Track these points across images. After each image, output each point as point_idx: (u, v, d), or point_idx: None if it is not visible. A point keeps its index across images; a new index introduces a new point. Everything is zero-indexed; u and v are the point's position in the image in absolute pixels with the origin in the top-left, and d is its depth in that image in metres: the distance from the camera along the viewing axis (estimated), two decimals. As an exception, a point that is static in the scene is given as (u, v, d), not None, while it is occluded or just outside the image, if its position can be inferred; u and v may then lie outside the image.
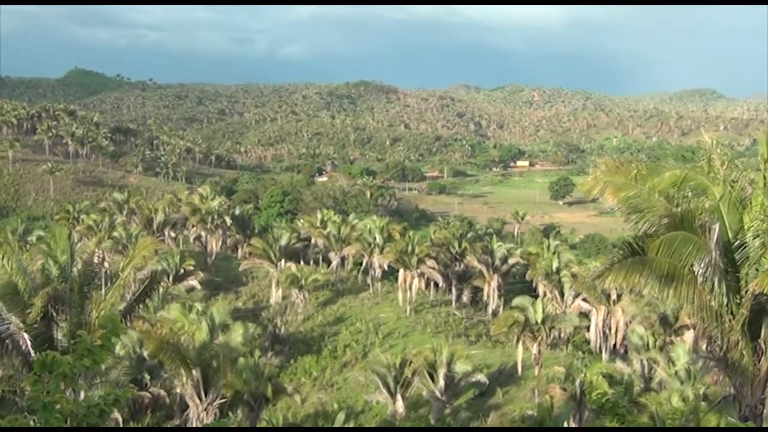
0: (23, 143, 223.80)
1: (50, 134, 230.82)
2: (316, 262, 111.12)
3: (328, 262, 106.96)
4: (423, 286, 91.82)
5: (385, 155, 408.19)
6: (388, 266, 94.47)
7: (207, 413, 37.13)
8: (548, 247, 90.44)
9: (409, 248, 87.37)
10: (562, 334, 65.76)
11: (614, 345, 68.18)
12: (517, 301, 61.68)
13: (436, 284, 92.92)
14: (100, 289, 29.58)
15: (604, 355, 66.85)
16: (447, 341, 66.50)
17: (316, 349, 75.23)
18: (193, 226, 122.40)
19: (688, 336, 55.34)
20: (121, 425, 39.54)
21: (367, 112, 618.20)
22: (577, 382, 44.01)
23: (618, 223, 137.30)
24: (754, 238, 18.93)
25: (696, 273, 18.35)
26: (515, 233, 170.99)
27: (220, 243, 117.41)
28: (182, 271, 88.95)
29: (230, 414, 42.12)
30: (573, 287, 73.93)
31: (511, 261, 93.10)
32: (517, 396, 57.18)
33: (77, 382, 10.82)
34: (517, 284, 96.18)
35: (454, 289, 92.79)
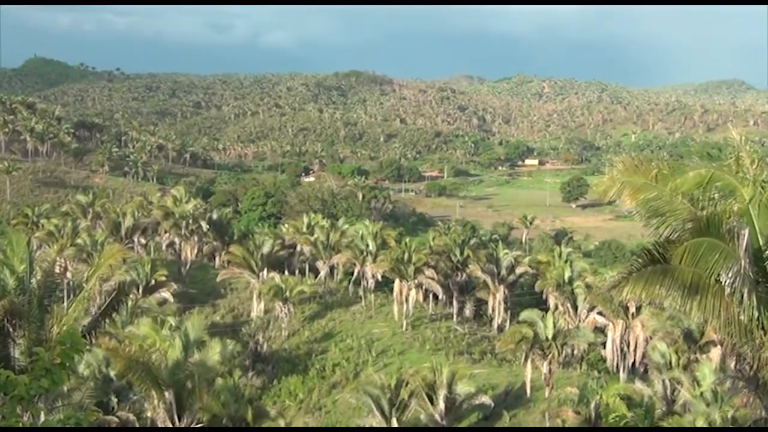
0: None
1: (6, 130, 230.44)
2: (302, 272, 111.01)
3: (316, 272, 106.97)
4: (421, 298, 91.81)
5: (379, 153, 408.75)
6: (382, 276, 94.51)
7: (181, 440, 37.02)
8: (560, 255, 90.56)
9: (406, 256, 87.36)
10: (575, 352, 65.85)
11: (633, 363, 68.20)
12: (526, 314, 61.65)
13: (436, 296, 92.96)
14: (62, 302, 29.50)
15: (622, 375, 66.87)
16: (448, 359, 66.51)
17: (302, 369, 75.17)
18: (165, 232, 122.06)
19: (715, 353, 55.36)
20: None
21: (359, 106, 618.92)
22: (592, 405, 44.00)
23: (637, 228, 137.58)
24: (787, 245, 18.94)
25: (723, 283, 18.28)
26: (523, 239, 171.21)
27: (195, 251, 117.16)
28: (153, 282, 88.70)
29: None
30: (587, 299, 73.96)
31: (518, 270, 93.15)
32: (525, 420, 57.20)
33: (36, 405, 10.77)
34: (525, 296, 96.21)
35: (455, 302, 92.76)
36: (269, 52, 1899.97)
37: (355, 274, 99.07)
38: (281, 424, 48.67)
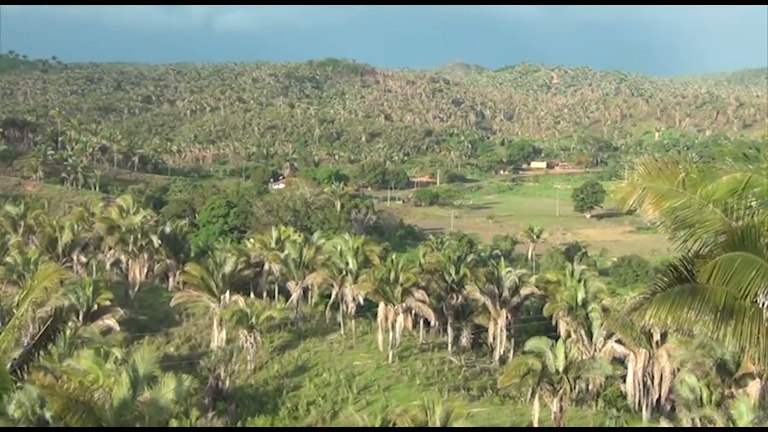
0: None
1: None
2: (271, 295, 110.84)
3: (287, 295, 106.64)
4: (410, 324, 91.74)
5: (360, 155, 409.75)
6: (365, 299, 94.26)
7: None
8: (572, 273, 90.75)
9: (392, 276, 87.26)
10: (590, 386, 65.88)
11: (658, 400, 68.36)
12: (532, 343, 61.72)
13: (427, 322, 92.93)
14: (-12, 331, 29.37)
15: (645, 413, 67.03)
16: (441, 396, 66.45)
17: (271, 408, 74.99)
18: (109, 249, 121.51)
19: (753, 387, 55.56)
20: None
21: (337, 100, 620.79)
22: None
23: (661, 242, 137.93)
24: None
25: (762, 306, 18.34)
26: (529, 255, 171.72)
27: (145, 270, 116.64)
28: (96, 307, 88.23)
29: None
30: (604, 325, 74.09)
31: (523, 291, 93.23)
32: (532, 467, 57.21)
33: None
34: (531, 321, 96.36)
35: (450, 329, 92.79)
36: (229, 35, 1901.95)
37: (333, 296, 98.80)
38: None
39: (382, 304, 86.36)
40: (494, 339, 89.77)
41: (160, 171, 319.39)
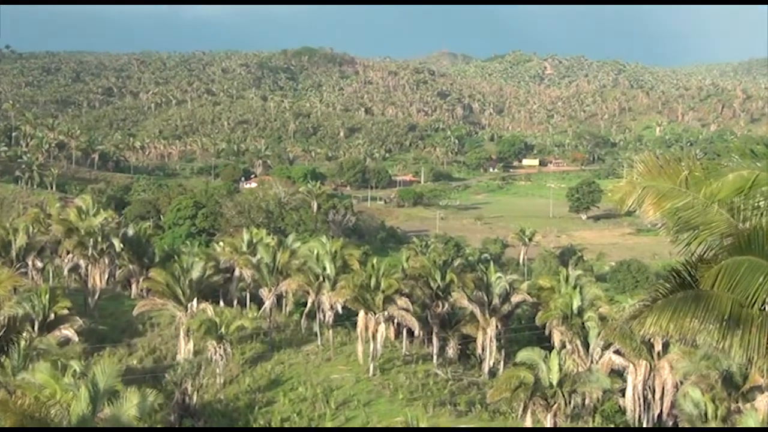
0: None
1: None
2: (242, 303, 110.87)
3: (259, 303, 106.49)
4: (392, 334, 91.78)
5: (339, 151, 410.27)
6: (344, 308, 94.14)
7: None
8: (566, 279, 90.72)
9: (373, 282, 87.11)
10: (586, 401, 65.93)
11: (659, 415, 68.47)
12: (524, 354, 61.76)
13: (411, 332, 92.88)
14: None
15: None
16: (426, 411, 66.53)
17: (242, 424, 74.88)
18: (68, 253, 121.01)
19: (762, 401, 55.70)
20: None
21: (313, 92, 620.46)
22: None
23: (663, 245, 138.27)
24: None
25: (771, 313, 18.34)
26: (520, 260, 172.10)
27: (106, 276, 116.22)
28: (53, 316, 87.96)
29: None
30: (601, 335, 74.14)
31: (514, 299, 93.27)
32: (524, 488, 57.26)
33: None
34: (523, 331, 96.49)
35: (435, 339, 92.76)
36: (198, 23, 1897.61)
37: (309, 304, 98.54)
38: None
39: (362, 313, 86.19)
40: (483, 350, 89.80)
41: (122, 169, 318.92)
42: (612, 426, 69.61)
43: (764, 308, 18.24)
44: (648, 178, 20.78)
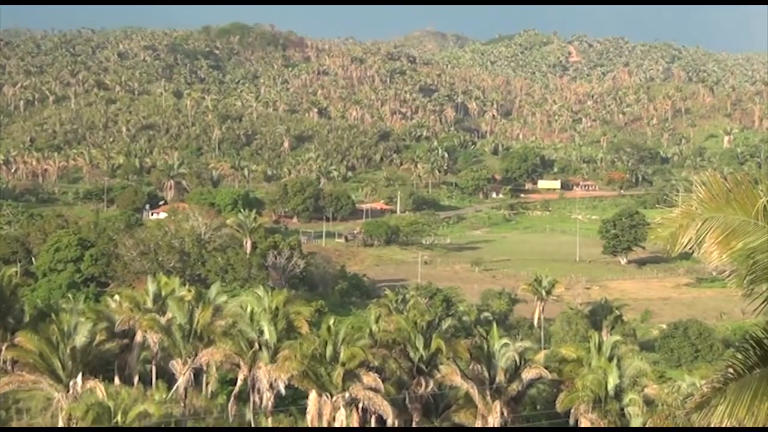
0: None
1: None
2: (146, 380, 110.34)
3: (170, 380, 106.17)
4: (356, 422, 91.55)
5: (282, 169, 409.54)
6: (288, 387, 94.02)
7: None
8: (599, 348, 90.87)
9: (329, 351, 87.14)
10: None
11: None
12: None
13: (382, 420, 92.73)
14: None
15: None
16: None
17: None
18: None
19: None
20: None
21: (246, 86, 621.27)
22: None
23: (733, 300, 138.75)
24: None
25: None
26: (535, 320, 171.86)
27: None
28: None
29: None
30: (648, 425, 74.17)
31: (526, 375, 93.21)
32: None
33: None
34: (539, 420, 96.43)
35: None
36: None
37: (240, 382, 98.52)
38: None
39: (313, 394, 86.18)
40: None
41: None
42: None
43: None
44: (712, 206, 20.66)
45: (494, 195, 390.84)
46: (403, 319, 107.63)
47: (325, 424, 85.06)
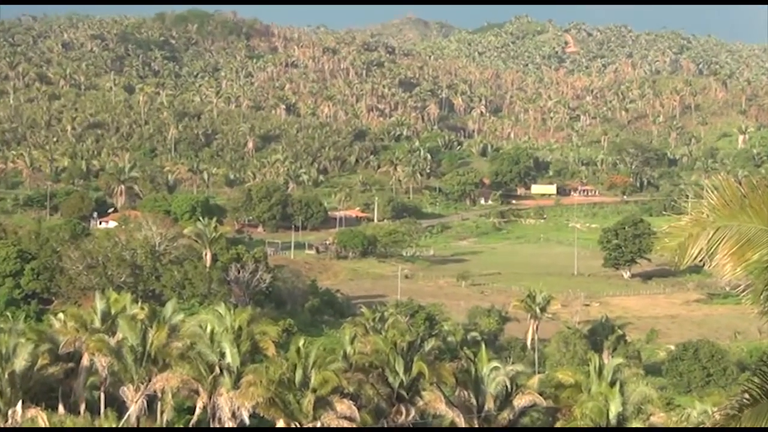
0: None
1: None
2: (94, 408, 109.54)
3: (120, 408, 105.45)
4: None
5: (246, 172, 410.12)
6: (253, 416, 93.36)
7: None
8: (600, 372, 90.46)
9: (298, 376, 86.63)
10: None
11: None
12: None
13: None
14: None
15: None
16: None
17: None
18: None
19: None
20: None
21: (206, 79, 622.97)
22: None
23: (749, 318, 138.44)
24: None
25: None
26: (528, 341, 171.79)
27: None
28: None
29: None
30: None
31: (519, 402, 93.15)
32: None
33: None
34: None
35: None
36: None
37: (199, 410, 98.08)
38: None
39: (281, 423, 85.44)
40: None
41: None
42: None
43: None
44: (725, 214, 20.32)
45: (483, 201, 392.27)
46: (381, 339, 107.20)
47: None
